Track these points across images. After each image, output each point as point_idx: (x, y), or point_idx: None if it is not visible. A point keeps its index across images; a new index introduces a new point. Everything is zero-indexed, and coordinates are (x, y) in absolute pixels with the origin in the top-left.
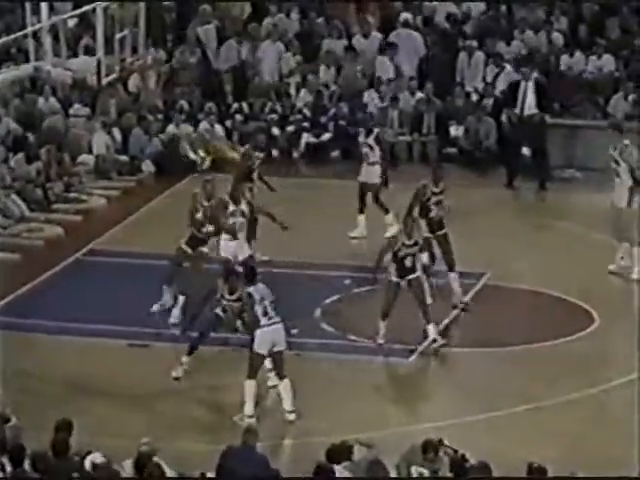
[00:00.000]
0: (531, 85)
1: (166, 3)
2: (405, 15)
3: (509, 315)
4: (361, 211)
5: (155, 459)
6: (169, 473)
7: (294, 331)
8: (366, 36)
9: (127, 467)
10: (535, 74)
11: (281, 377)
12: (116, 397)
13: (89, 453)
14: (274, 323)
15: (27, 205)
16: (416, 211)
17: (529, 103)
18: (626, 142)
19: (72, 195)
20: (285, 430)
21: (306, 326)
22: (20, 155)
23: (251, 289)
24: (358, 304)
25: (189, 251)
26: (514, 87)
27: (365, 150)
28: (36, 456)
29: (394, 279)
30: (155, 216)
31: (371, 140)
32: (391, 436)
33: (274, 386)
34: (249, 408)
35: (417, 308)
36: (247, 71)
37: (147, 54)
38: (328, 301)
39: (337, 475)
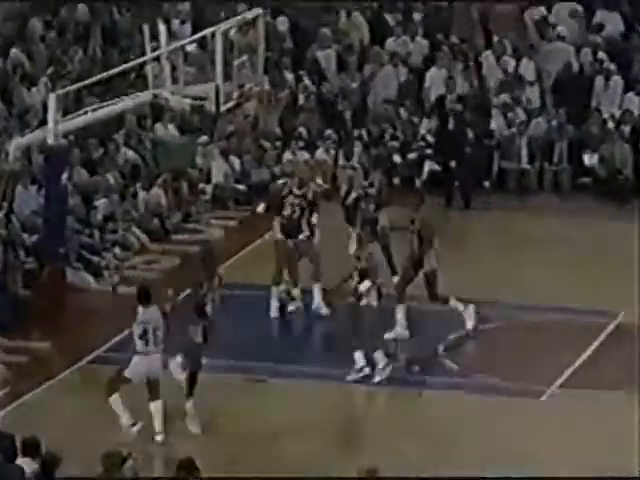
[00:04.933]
0: None
1: (284, 28)
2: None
3: None
4: None
5: None
6: None
7: (416, 368)
8: (499, 58)
9: None
10: None
11: (154, 398)
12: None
13: None
14: (152, 353)
15: (148, 236)
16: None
17: None
18: None
19: (190, 225)
20: None
21: (428, 363)
22: (139, 185)
23: (139, 309)
24: (484, 340)
25: None
26: None
27: None
28: None
29: None
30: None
31: None
32: None
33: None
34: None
35: (546, 350)
36: (367, 96)
37: (265, 80)
38: (452, 337)
39: None
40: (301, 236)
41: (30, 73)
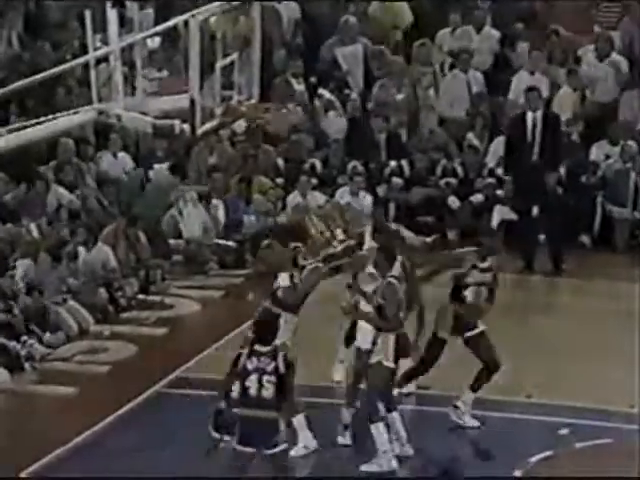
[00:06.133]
0: None
1: (291, 15)
2: None
3: None
4: None
5: None
6: None
7: None
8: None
9: None
10: None
11: None
12: None
13: None
14: None
15: (91, 314)
16: None
17: None
18: None
19: (151, 298)
20: None
21: None
22: (78, 240)
23: None
24: (579, 464)
25: None
26: None
27: None
28: None
29: None
30: None
31: None
32: None
33: None
34: None
35: None
36: (402, 114)
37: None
38: (534, 459)
39: None
40: None
41: None
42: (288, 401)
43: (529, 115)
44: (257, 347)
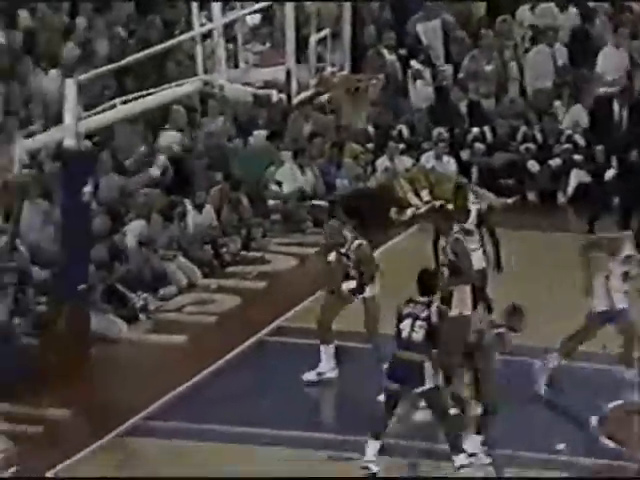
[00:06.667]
0: None
1: None
2: None
3: None
4: None
5: None
6: None
7: (561, 446)
8: None
9: None
10: None
11: None
12: None
13: None
14: None
15: (198, 269)
16: None
17: None
18: None
19: (252, 254)
20: None
21: (579, 440)
22: (188, 202)
23: None
24: None
25: None
26: None
27: None
28: None
29: None
30: None
31: None
32: None
33: None
34: None
35: None
36: (491, 84)
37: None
38: (611, 406)
39: None
40: None
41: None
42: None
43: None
44: (416, 297)
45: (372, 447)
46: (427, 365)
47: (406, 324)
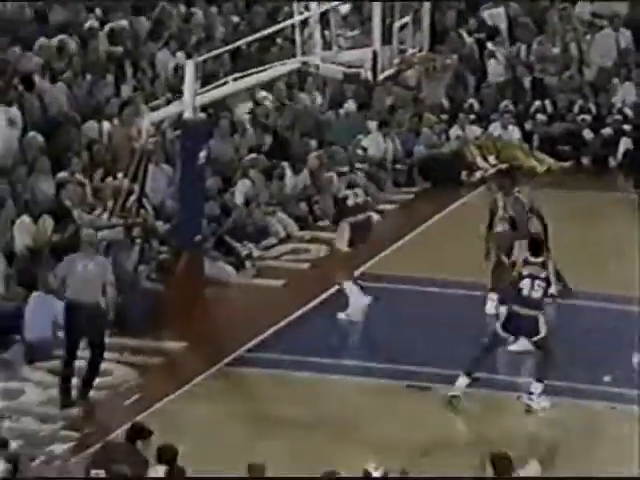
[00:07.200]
0: None
1: None
2: None
3: None
4: None
5: None
6: None
7: (607, 378)
8: None
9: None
10: None
11: None
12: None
13: None
14: None
15: (295, 222)
16: None
17: None
18: None
19: None
20: None
21: (624, 372)
22: (287, 164)
23: None
24: None
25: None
26: None
27: None
28: None
29: None
30: (432, 237)
31: None
32: None
33: None
34: None
35: None
36: (556, 65)
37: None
38: None
39: None
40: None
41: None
42: None
43: None
44: (530, 258)
45: (462, 381)
46: (541, 317)
47: (526, 283)
